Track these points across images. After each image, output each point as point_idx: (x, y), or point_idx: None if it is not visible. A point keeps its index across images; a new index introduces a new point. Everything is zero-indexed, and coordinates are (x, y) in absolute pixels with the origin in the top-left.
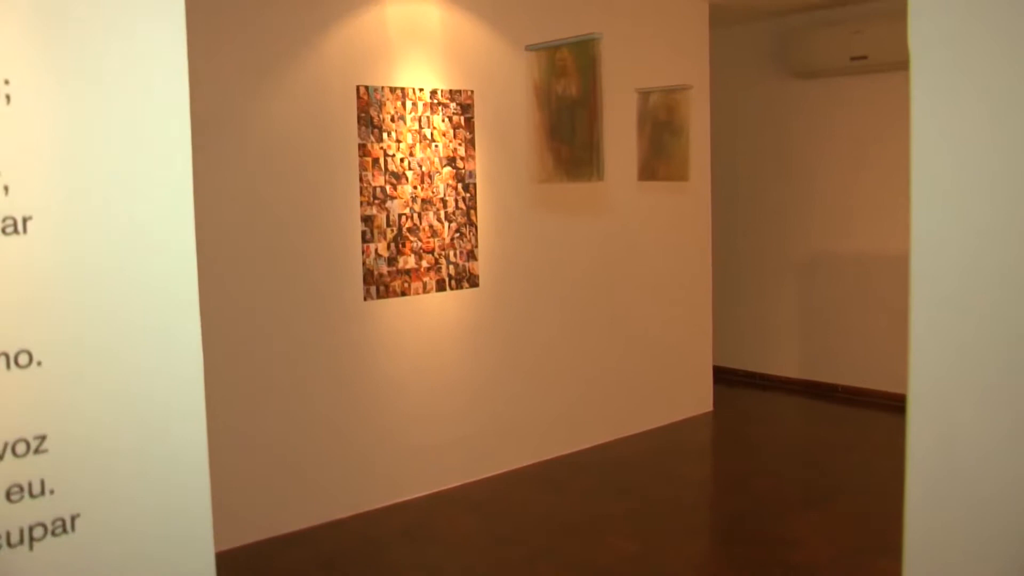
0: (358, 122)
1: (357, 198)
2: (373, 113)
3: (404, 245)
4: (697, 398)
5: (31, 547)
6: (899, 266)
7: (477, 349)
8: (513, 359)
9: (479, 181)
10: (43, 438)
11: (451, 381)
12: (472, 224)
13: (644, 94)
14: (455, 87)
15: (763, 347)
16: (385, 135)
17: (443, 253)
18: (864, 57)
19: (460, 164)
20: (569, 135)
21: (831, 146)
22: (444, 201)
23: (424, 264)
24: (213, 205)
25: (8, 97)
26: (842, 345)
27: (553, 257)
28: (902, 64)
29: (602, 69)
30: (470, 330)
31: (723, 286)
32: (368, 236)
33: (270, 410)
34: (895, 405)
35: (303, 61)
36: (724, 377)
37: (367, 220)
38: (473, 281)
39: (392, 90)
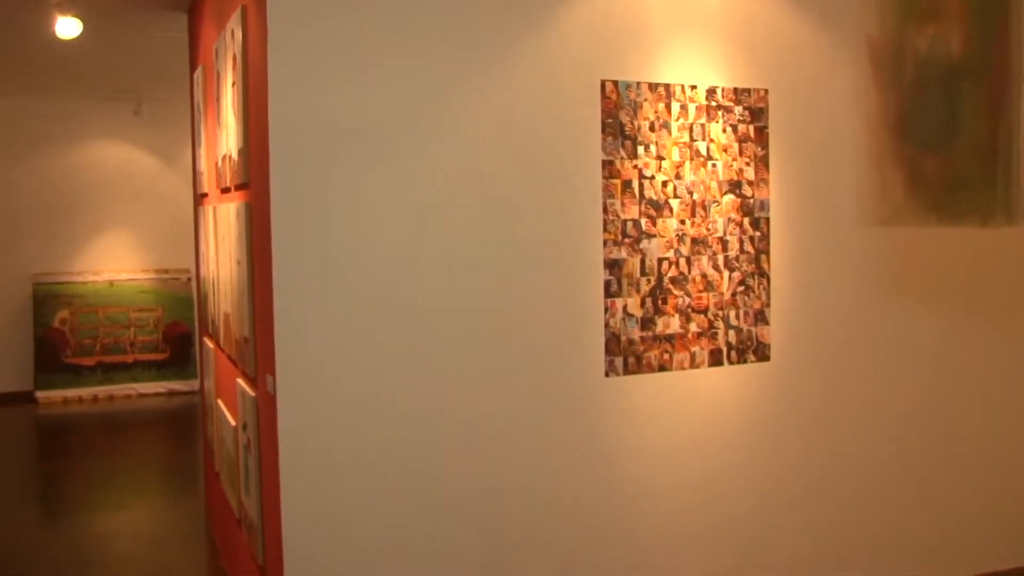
0: (603, 131)
1: (600, 235)
2: (625, 119)
3: (666, 301)
4: None
5: None
6: None
7: (763, 448)
8: (815, 465)
9: (774, 215)
10: None
11: (724, 491)
12: (763, 274)
13: None
14: (742, 85)
15: None
16: (641, 149)
17: (721, 313)
18: None
19: (748, 191)
20: (942, 135)
21: None
22: (724, 242)
23: (694, 328)
24: (403, 230)
25: None
26: None
27: (882, 322)
28: None
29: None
30: (755, 421)
31: None
32: (614, 288)
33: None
34: None
35: (530, 47)
36: None
37: (613, 266)
38: (762, 353)
39: (652, 87)
